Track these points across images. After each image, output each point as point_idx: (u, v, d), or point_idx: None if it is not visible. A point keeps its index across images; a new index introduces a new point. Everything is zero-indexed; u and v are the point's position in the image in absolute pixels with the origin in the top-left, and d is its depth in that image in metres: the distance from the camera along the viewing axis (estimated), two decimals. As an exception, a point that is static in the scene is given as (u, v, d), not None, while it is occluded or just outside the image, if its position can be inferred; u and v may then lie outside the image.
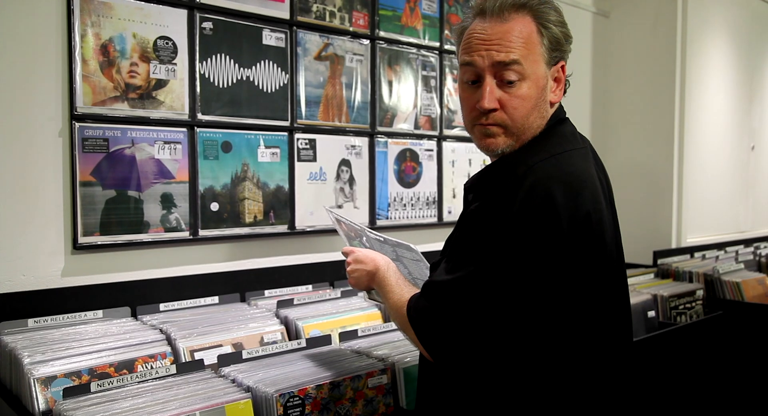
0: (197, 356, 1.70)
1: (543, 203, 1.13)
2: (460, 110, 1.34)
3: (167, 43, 2.02)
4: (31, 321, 1.73)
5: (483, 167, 1.46)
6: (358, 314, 2.05)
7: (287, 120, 2.33)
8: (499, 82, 1.22)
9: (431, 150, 2.83)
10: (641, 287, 2.79)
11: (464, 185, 1.36)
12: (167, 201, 2.03)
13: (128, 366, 1.60)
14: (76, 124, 1.85)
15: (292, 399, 1.45)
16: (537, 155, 1.20)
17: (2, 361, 1.64)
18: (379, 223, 2.62)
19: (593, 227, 1.17)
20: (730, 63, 4.17)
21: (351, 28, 2.51)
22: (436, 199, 2.85)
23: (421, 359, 1.37)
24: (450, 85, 2.89)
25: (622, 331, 1.30)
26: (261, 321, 1.91)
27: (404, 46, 2.70)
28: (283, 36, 2.31)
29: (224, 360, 1.60)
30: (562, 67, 1.29)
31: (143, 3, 1.97)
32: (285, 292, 2.23)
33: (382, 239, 1.59)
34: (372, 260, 1.44)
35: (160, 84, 2.01)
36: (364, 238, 1.59)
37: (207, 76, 2.11)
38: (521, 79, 1.21)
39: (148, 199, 1.99)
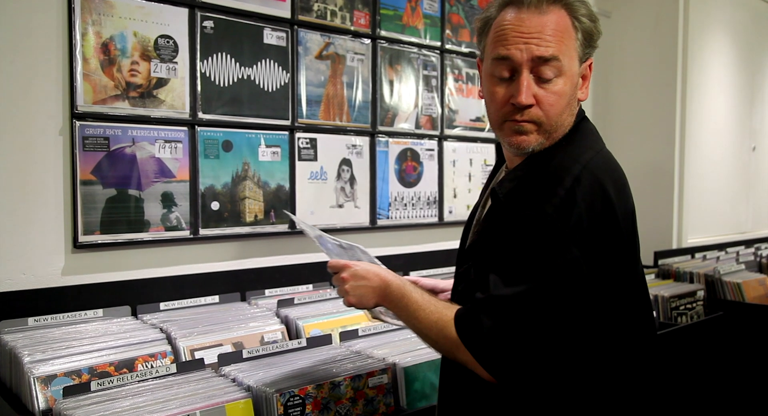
0: (197, 355, 1.69)
1: (604, 205, 1.12)
2: (487, 104, 1.25)
3: (168, 42, 2.02)
4: (31, 320, 1.73)
5: (505, 167, 1.32)
6: (358, 314, 2.05)
7: (288, 119, 2.32)
8: (536, 78, 1.16)
9: (432, 150, 2.83)
10: (642, 288, 2.78)
11: (494, 186, 1.23)
12: (168, 200, 2.03)
13: (128, 365, 1.59)
14: (77, 122, 1.85)
15: (292, 399, 1.45)
16: (584, 152, 1.17)
17: (2, 360, 1.63)
18: (380, 222, 2.61)
19: (635, 223, 1.24)
20: (732, 64, 4.17)
21: (352, 28, 2.50)
22: (437, 199, 2.84)
23: (445, 366, 1.31)
24: (451, 84, 2.88)
25: (653, 329, 1.31)
26: (261, 320, 1.90)
27: (405, 46, 2.69)
28: (284, 35, 2.30)
29: (224, 360, 1.60)
30: (590, 64, 1.26)
31: (144, 1, 1.97)
32: (285, 291, 2.23)
33: (342, 244, 1.42)
34: (376, 275, 1.28)
35: (161, 83, 2.01)
36: (329, 245, 1.43)
37: (208, 75, 2.11)
38: (558, 75, 1.17)
39: (149, 198, 1.99)
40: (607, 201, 1.12)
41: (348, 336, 1.84)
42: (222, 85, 2.15)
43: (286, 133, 2.32)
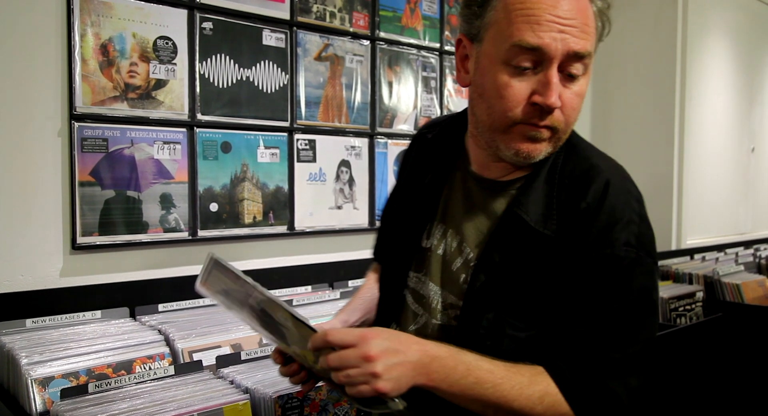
0: (196, 357, 1.69)
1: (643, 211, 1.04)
2: (487, 99, 0.99)
3: (167, 43, 2.02)
4: (29, 322, 1.73)
5: (473, 173, 1.11)
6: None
7: (287, 121, 2.32)
8: (561, 75, 0.96)
9: (431, 151, 2.82)
10: (641, 289, 2.78)
11: (520, 213, 1.01)
12: (166, 201, 2.03)
13: (126, 366, 1.59)
14: (76, 124, 1.85)
15: (290, 401, 1.45)
16: (608, 160, 1.07)
17: (0, 362, 1.63)
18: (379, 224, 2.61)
19: None
20: (731, 65, 4.17)
21: (351, 29, 2.50)
22: (436, 200, 2.84)
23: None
24: (450, 86, 2.88)
25: None
26: (260, 321, 1.90)
27: (404, 47, 2.69)
28: (283, 36, 2.30)
29: (223, 361, 1.59)
30: None
31: (143, 3, 1.97)
32: (284, 293, 2.22)
33: (275, 302, 0.98)
34: (410, 344, 0.93)
35: (160, 84, 2.01)
36: (252, 299, 1.01)
37: (207, 76, 2.11)
38: (583, 74, 0.98)
39: (147, 199, 1.99)
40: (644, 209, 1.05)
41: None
42: (221, 86, 2.15)
43: (285, 134, 2.32)
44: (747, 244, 4.03)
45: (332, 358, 0.90)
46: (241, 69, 2.20)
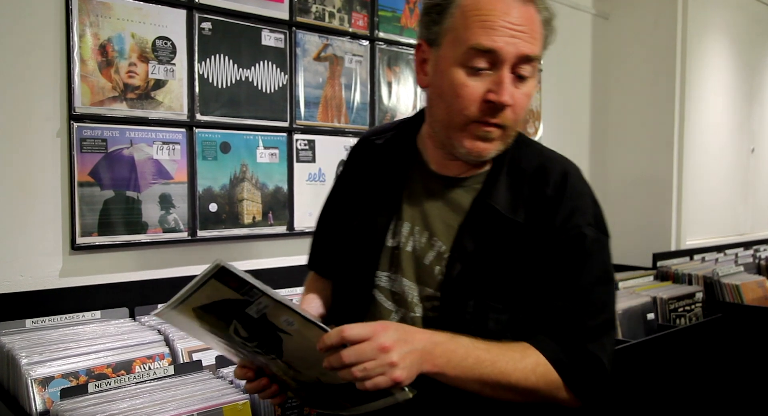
0: (195, 357, 1.69)
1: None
2: (445, 99, 1.06)
3: (166, 44, 2.02)
4: (28, 322, 1.73)
5: (434, 172, 1.18)
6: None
7: (286, 121, 2.32)
8: (511, 77, 1.04)
9: (430, 151, 2.82)
10: (640, 290, 2.78)
11: (488, 200, 1.11)
12: (166, 202, 2.03)
13: (126, 366, 1.59)
14: (75, 124, 1.85)
15: (289, 401, 1.45)
16: (555, 152, 1.19)
17: (0, 362, 1.63)
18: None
19: None
20: (730, 65, 4.17)
21: (350, 29, 2.50)
22: (436, 200, 2.84)
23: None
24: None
25: None
26: (259, 322, 1.90)
27: (404, 47, 2.69)
28: (282, 36, 2.30)
29: (222, 361, 1.59)
30: None
31: (142, 3, 1.97)
32: (284, 293, 2.22)
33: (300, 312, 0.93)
34: (413, 333, 0.99)
35: (159, 84, 2.01)
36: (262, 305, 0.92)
37: (206, 76, 2.11)
38: (531, 76, 1.06)
39: (147, 199, 1.99)
40: None
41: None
42: (220, 86, 2.15)
43: (284, 134, 2.32)
44: (746, 245, 4.03)
45: (347, 354, 0.91)
46: (241, 69, 2.20)
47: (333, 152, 2.46)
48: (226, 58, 2.16)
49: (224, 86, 2.16)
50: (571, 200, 1.09)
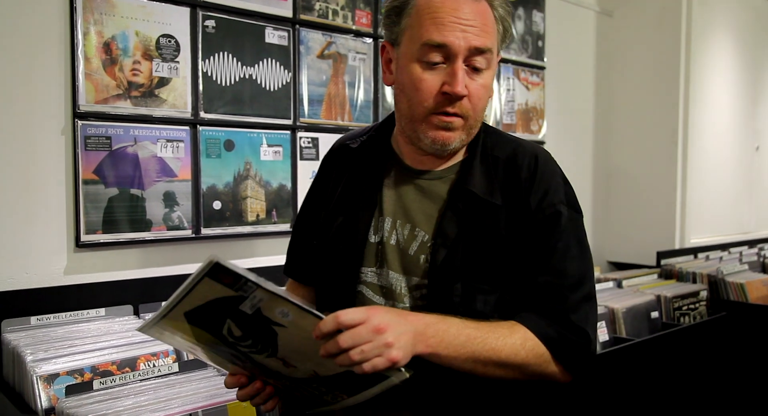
0: (199, 354, 1.69)
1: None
2: (407, 93, 1.13)
3: (170, 42, 2.02)
4: (33, 319, 1.73)
5: (406, 167, 1.22)
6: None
7: (290, 119, 2.32)
8: (467, 69, 1.10)
9: (434, 149, 2.82)
10: (645, 288, 2.78)
11: (466, 185, 1.16)
12: (170, 199, 2.03)
13: (131, 364, 1.59)
14: (79, 122, 1.85)
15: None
16: (522, 139, 1.25)
17: (5, 359, 1.64)
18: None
19: None
20: (735, 63, 4.16)
21: (354, 27, 2.50)
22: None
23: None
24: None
25: None
26: (263, 319, 1.90)
27: (407, 45, 2.69)
28: (285, 34, 2.30)
29: (226, 359, 1.59)
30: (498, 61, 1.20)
31: (146, 1, 1.97)
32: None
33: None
34: (402, 314, 1.02)
35: (163, 82, 2.01)
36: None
37: (210, 74, 2.11)
38: (487, 68, 1.12)
39: (151, 197, 1.99)
40: None
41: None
42: (224, 84, 2.15)
43: (288, 132, 2.32)
44: (751, 243, 4.03)
45: (344, 338, 0.91)
46: (244, 67, 2.20)
47: (337, 149, 2.46)
48: (230, 56, 2.16)
49: (228, 84, 2.16)
50: (543, 182, 1.15)
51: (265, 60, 2.25)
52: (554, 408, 1.21)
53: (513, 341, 1.07)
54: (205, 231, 2.11)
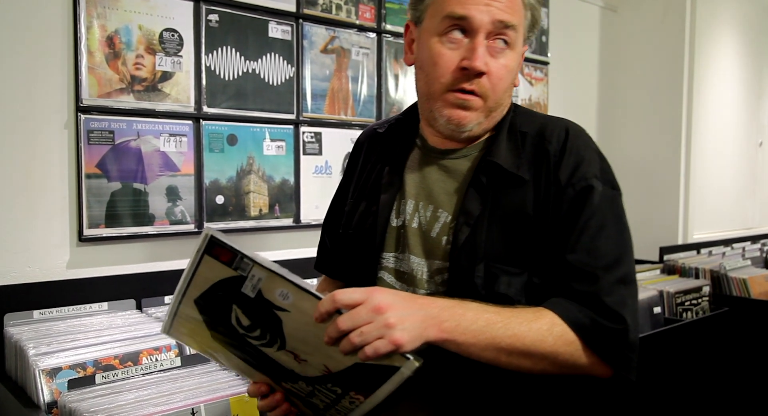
0: (202, 349, 1.69)
1: None
2: (425, 69, 1.09)
3: (173, 36, 2.01)
4: (36, 313, 1.74)
5: (423, 153, 1.18)
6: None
7: (293, 113, 2.32)
8: (488, 47, 1.05)
9: (437, 144, 2.82)
10: (647, 283, 2.77)
11: (490, 157, 1.09)
12: (172, 194, 2.03)
13: (133, 358, 1.59)
14: (82, 116, 1.85)
15: (296, 393, 1.45)
16: (552, 116, 1.17)
17: (8, 353, 1.64)
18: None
19: None
20: (739, 58, 4.14)
21: (357, 22, 2.50)
22: (442, 193, 2.83)
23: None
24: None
25: None
26: (266, 314, 1.90)
27: (411, 40, 2.68)
28: (289, 29, 2.30)
29: (229, 353, 1.60)
30: (523, 53, 1.16)
31: (149, -5, 1.96)
32: (290, 286, 2.22)
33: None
34: (410, 297, 0.95)
35: (166, 76, 2.01)
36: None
37: (213, 68, 2.11)
38: (510, 48, 1.06)
39: (154, 191, 1.99)
40: None
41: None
42: (227, 78, 2.14)
43: (291, 127, 2.32)
44: (754, 239, 4.02)
45: (343, 320, 0.86)
46: (247, 61, 2.19)
47: (340, 144, 2.46)
48: (233, 50, 2.15)
49: (231, 78, 2.15)
50: (574, 154, 1.07)
51: (268, 54, 2.24)
52: (587, 409, 1.14)
53: (539, 326, 0.95)
54: (207, 226, 2.11)
